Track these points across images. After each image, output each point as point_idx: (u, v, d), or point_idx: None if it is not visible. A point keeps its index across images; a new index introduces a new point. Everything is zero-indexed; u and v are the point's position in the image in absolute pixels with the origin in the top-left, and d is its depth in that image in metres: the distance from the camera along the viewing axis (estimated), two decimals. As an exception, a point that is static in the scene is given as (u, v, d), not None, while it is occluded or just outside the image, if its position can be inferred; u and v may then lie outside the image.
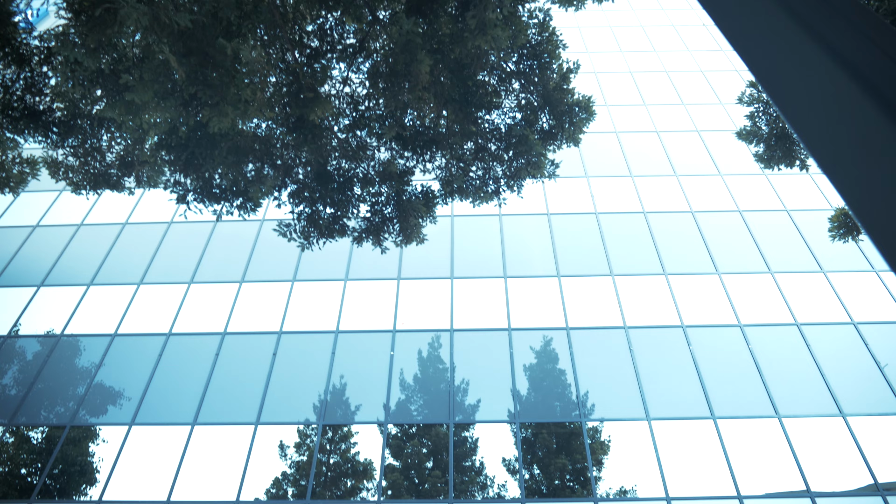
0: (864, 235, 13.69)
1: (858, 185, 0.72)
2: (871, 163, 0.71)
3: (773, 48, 0.87)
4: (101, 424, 13.48)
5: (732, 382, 13.71)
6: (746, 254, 16.59)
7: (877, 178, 0.71)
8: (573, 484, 12.40)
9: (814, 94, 0.80)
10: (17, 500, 12.31)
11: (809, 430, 12.86)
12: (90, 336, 15.09)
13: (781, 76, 0.85)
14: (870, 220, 0.71)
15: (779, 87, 0.84)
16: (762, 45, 0.90)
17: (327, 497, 12.22)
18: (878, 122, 0.70)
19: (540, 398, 13.67)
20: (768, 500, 11.92)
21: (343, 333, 14.87)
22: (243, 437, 13.07)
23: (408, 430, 13.36)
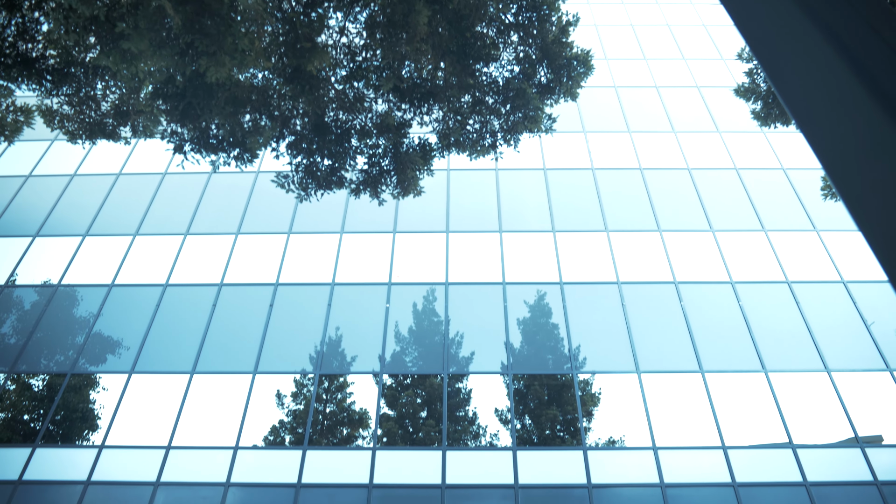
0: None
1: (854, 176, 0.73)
2: (872, 161, 0.70)
3: (783, 43, 0.86)
4: (101, 372, 13.71)
5: (721, 338, 13.99)
6: (741, 212, 16.68)
7: (874, 173, 0.70)
8: (563, 434, 12.78)
9: (819, 90, 0.79)
10: (22, 445, 12.62)
11: (795, 384, 13.20)
12: (87, 286, 15.20)
13: (786, 68, 0.85)
14: (866, 220, 0.73)
15: (786, 83, 0.84)
16: (770, 35, 0.88)
17: (324, 444, 12.58)
18: (881, 120, 0.69)
19: (533, 351, 13.94)
20: (752, 450, 12.33)
21: (339, 286, 15.02)
22: (241, 386, 13.35)
23: (402, 381, 13.65)
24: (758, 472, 12.02)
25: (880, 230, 0.72)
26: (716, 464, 12.13)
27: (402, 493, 11.87)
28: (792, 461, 12.15)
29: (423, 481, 11.95)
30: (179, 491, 11.91)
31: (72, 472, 12.19)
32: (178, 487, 11.95)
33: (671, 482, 11.88)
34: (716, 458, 12.21)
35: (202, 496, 11.84)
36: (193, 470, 12.16)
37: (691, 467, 12.09)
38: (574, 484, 11.91)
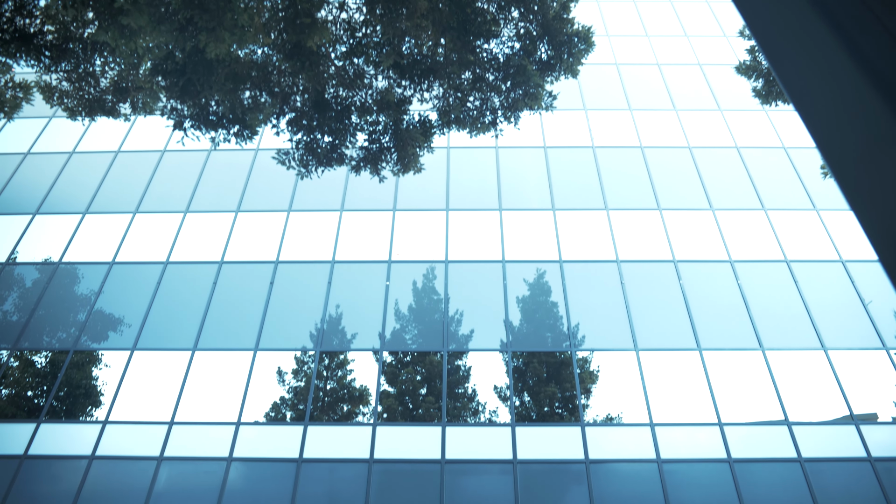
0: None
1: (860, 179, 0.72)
2: (877, 160, 0.69)
3: (779, 21, 0.84)
4: (103, 349, 13.81)
5: (720, 316, 14.08)
6: (741, 190, 16.67)
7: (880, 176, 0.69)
8: (562, 411, 12.92)
9: (815, 70, 0.75)
10: (26, 420, 12.77)
11: (791, 362, 13.32)
12: (88, 264, 15.24)
13: (784, 49, 0.84)
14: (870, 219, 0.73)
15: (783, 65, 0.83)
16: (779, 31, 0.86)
17: (325, 420, 12.73)
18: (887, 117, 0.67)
19: (532, 329, 14.04)
20: (748, 427, 12.49)
21: (339, 263, 15.07)
22: (243, 363, 13.46)
23: (402, 359, 13.76)
24: (753, 449, 12.18)
25: (881, 225, 0.72)
26: (712, 440, 12.29)
27: (403, 468, 12.04)
28: (787, 438, 12.31)
29: (423, 456, 12.12)
30: (182, 465, 12.08)
31: (76, 447, 12.35)
32: (181, 462, 12.11)
33: (668, 458, 12.05)
34: (712, 434, 12.37)
35: (205, 471, 12.02)
36: (196, 445, 12.32)
37: (688, 443, 12.25)
38: (572, 459, 12.08)
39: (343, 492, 11.75)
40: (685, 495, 11.63)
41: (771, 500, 11.59)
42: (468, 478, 11.93)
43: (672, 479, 11.81)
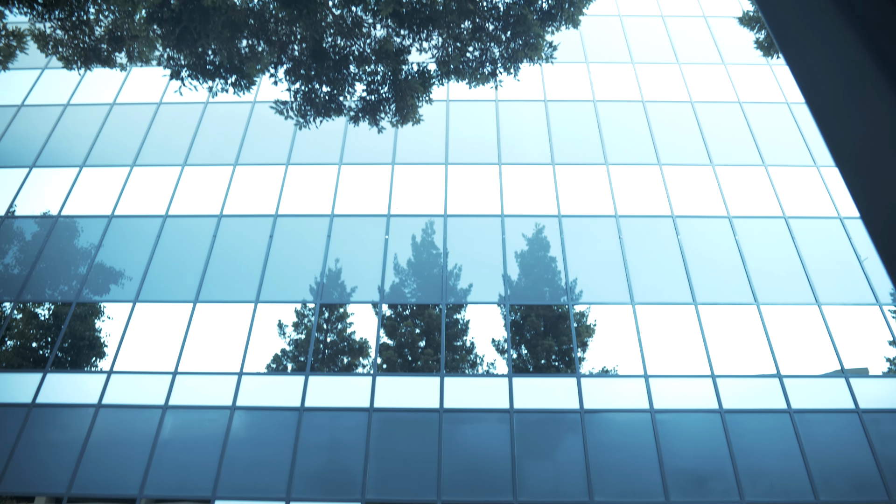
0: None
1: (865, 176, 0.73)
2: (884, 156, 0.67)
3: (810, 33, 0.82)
4: (105, 302, 13.96)
5: (716, 271, 14.20)
6: (742, 146, 16.58)
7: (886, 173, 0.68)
8: (558, 363, 13.16)
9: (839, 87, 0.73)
10: (33, 370, 13.00)
11: (785, 317, 13.50)
12: (87, 217, 15.25)
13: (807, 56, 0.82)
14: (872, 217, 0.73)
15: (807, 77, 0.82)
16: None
17: (325, 371, 12.98)
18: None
19: (530, 283, 14.17)
20: (740, 379, 12.75)
21: (338, 217, 15.09)
22: (244, 315, 13.63)
23: (401, 312, 13.93)
24: (744, 400, 12.47)
25: (880, 218, 0.70)
26: (704, 391, 12.57)
27: (402, 417, 12.34)
28: (778, 390, 12.59)
29: (422, 405, 12.41)
30: (187, 413, 12.37)
31: (82, 396, 12.62)
32: (185, 410, 12.41)
33: (661, 408, 12.35)
34: (704, 386, 12.64)
35: (209, 418, 12.32)
36: (200, 394, 12.60)
37: (680, 394, 12.53)
38: (567, 409, 12.37)
39: (344, 439, 12.08)
40: (676, 443, 11.96)
41: (759, 449, 11.94)
42: (466, 426, 12.24)
43: (664, 428, 12.14)
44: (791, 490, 11.50)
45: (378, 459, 11.81)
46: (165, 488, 11.62)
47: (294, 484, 11.54)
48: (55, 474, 11.75)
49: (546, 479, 11.67)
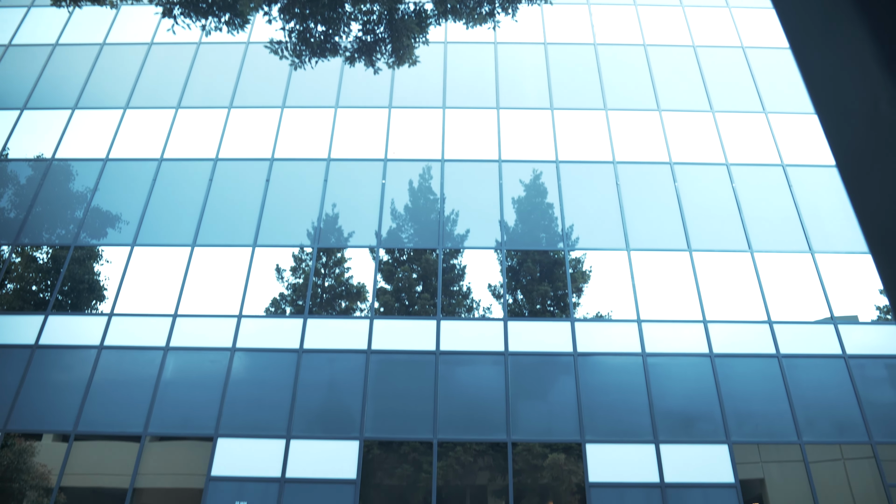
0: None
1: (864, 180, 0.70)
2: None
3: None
4: (103, 245, 14.01)
5: (712, 218, 14.25)
6: (743, 92, 16.35)
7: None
8: (553, 309, 13.36)
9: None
10: (34, 313, 13.16)
11: (779, 265, 13.64)
12: (81, 160, 15.13)
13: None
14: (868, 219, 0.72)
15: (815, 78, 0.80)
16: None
17: (323, 314, 13.16)
18: None
19: (527, 229, 14.23)
20: (731, 325, 12.99)
21: (335, 161, 15.00)
22: (242, 259, 13.72)
23: (399, 258, 14.03)
24: (734, 345, 12.74)
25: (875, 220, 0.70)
26: (695, 336, 12.82)
27: (399, 358, 12.61)
28: (768, 336, 12.84)
29: (419, 348, 12.66)
30: (188, 355, 12.62)
31: (84, 338, 12.83)
32: (186, 352, 12.64)
33: (652, 352, 12.62)
34: (696, 331, 12.88)
35: (210, 359, 12.57)
36: (200, 336, 12.81)
37: (672, 339, 12.78)
38: (561, 352, 12.64)
39: (343, 379, 12.37)
40: (666, 386, 12.29)
41: (746, 392, 12.27)
42: (461, 367, 12.53)
43: (655, 371, 12.44)
44: (775, 431, 11.89)
45: (376, 399, 12.13)
46: (169, 426, 11.96)
47: (294, 422, 11.88)
48: (61, 413, 12.06)
49: (539, 419, 12.03)
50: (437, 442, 11.69)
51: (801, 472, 11.53)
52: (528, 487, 11.49)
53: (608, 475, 11.43)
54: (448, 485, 11.49)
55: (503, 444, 11.70)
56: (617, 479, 11.40)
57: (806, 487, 11.37)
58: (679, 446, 11.68)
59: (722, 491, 11.29)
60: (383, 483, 11.62)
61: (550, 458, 11.65)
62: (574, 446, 11.69)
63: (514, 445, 11.69)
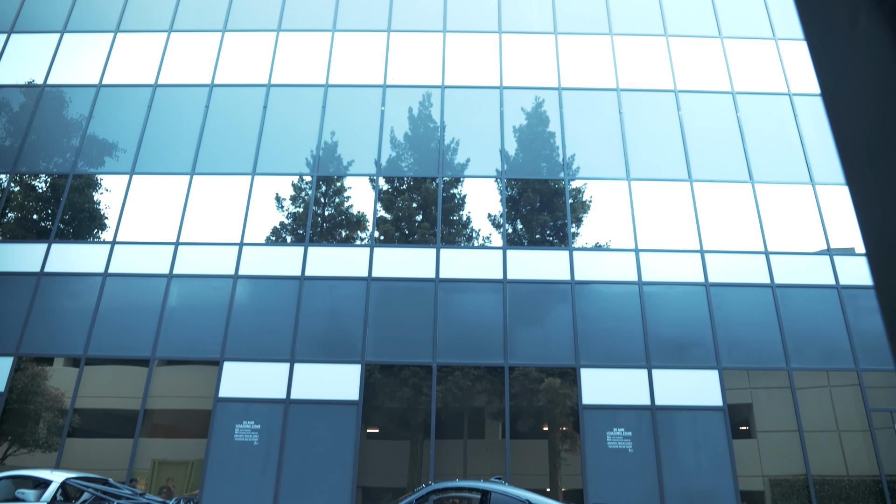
0: None
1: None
2: None
3: None
4: (102, 174, 13.96)
5: (715, 148, 14.13)
6: (753, 17, 15.84)
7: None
8: (552, 238, 13.46)
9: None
10: (38, 241, 13.26)
11: (779, 196, 13.63)
12: (74, 87, 14.84)
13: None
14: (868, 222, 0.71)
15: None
16: None
17: (324, 243, 13.27)
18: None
19: (527, 158, 14.14)
20: (727, 255, 13.12)
21: (333, 87, 14.72)
22: (241, 187, 13.70)
23: (398, 187, 14.00)
24: (730, 275, 12.92)
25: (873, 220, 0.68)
26: (692, 266, 12.98)
27: (399, 286, 12.82)
28: (763, 266, 13.00)
29: (419, 275, 12.85)
30: (191, 282, 12.81)
31: (88, 265, 12.99)
32: (189, 279, 12.83)
33: (649, 280, 12.81)
34: (693, 261, 13.03)
35: (213, 286, 12.78)
36: (203, 264, 12.97)
37: (669, 268, 12.95)
38: (558, 280, 12.84)
39: (344, 306, 12.62)
40: (661, 314, 12.55)
41: (739, 320, 12.55)
42: (460, 295, 12.76)
43: (651, 299, 12.67)
44: (765, 358, 12.24)
45: (377, 325, 12.42)
46: (176, 351, 12.30)
47: (298, 347, 12.21)
48: (71, 338, 12.37)
49: (536, 345, 12.36)
50: (436, 366, 12.06)
51: (787, 397, 11.95)
52: (523, 410, 11.94)
53: (601, 398, 11.85)
54: (447, 407, 11.93)
55: (500, 369, 12.07)
56: (609, 401, 11.83)
57: (791, 412, 11.82)
58: (671, 371, 12.06)
59: (710, 413, 11.75)
60: (384, 405, 12.07)
61: (546, 382, 12.05)
62: (569, 371, 12.07)
63: (511, 370, 12.06)
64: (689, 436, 11.62)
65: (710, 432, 11.63)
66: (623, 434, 11.60)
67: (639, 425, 11.67)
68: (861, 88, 0.69)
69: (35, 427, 12.00)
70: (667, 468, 11.35)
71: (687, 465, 11.40)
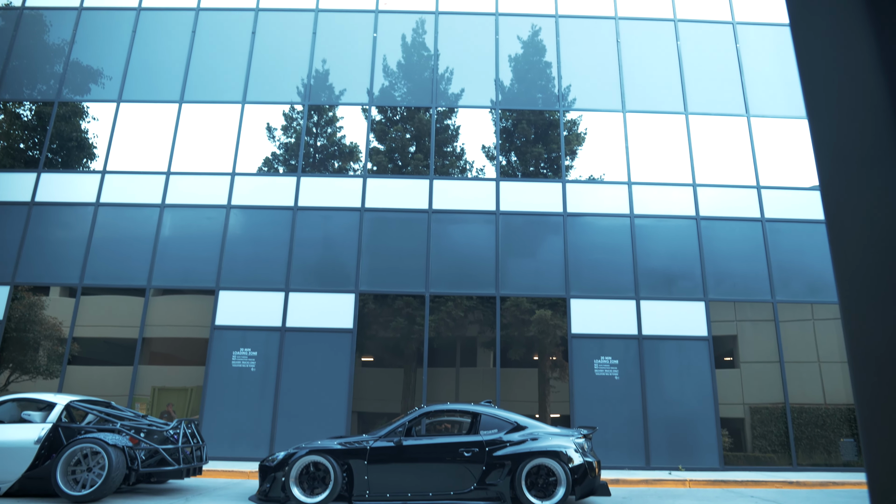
0: None
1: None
2: None
3: None
4: (88, 101, 13.66)
5: (712, 80, 13.93)
6: (759, -58, 15.27)
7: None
8: (546, 171, 13.42)
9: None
10: (27, 170, 13.11)
11: (774, 130, 13.55)
12: (54, 9, 14.30)
13: None
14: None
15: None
16: None
17: (317, 173, 13.19)
18: None
19: (523, 89, 13.91)
20: (719, 188, 13.16)
21: (323, 13, 14.25)
22: (231, 117, 13.47)
23: (391, 117, 13.81)
24: (721, 208, 13.00)
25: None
26: (684, 199, 13.04)
27: (392, 216, 12.86)
28: (755, 200, 13.07)
29: (412, 206, 12.86)
30: (184, 212, 12.79)
31: (80, 195, 12.90)
32: (182, 209, 12.80)
33: (640, 213, 12.89)
34: (685, 194, 13.07)
35: (206, 216, 12.77)
36: (195, 194, 12.91)
37: (661, 201, 13.01)
38: (551, 212, 12.89)
39: (338, 236, 12.69)
40: (651, 246, 12.70)
41: (727, 253, 12.73)
42: (453, 226, 12.83)
43: (641, 232, 12.79)
44: (751, 290, 12.49)
45: (370, 255, 12.53)
46: (171, 280, 12.41)
47: (292, 277, 12.34)
48: (66, 267, 12.43)
49: (527, 276, 12.54)
50: (429, 296, 12.25)
51: (771, 329, 12.28)
52: (514, 340, 12.24)
53: (590, 328, 12.15)
54: (440, 336, 12.21)
55: (492, 299, 12.29)
56: (598, 331, 12.13)
57: (774, 344, 12.17)
58: (658, 302, 12.32)
59: (695, 343, 12.09)
60: (378, 335, 12.33)
61: (538, 313, 12.30)
62: (559, 302, 12.30)
63: (502, 300, 12.28)
64: (674, 364, 12.00)
65: (694, 361, 12.00)
66: (610, 362, 11.96)
67: (626, 354, 12.02)
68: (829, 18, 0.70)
69: (35, 355, 12.23)
70: (651, 395, 11.78)
71: (671, 393, 11.82)
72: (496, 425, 7.66)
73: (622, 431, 11.54)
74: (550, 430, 7.43)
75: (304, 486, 7.07)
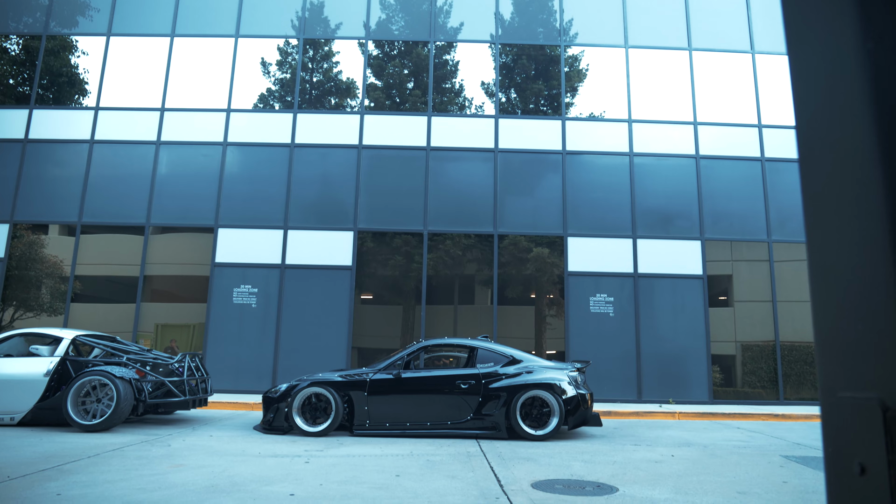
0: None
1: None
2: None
3: None
4: (76, 35, 13.31)
5: (717, 15, 13.55)
6: None
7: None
8: (546, 108, 13.24)
9: None
10: (18, 106, 12.90)
11: (779, 67, 13.28)
12: (38, -64, 13.73)
13: None
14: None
15: None
16: None
17: (313, 109, 13.00)
18: None
19: (523, 23, 13.55)
20: (720, 127, 13.03)
21: (318, -58, 13.70)
22: (225, 51, 13.16)
23: (389, 52, 13.50)
24: (721, 147, 12.91)
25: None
26: (684, 138, 12.92)
27: (390, 154, 12.77)
28: (755, 139, 12.96)
29: (410, 143, 12.75)
30: (180, 149, 12.68)
31: (74, 132, 12.75)
32: (178, 146, 12.68)
33: (639, 152, 12.81)
34: (685, 132, 12.95)
35: (203, 154, 12.67)
36: (190, 131, 12.75)
37: (661, 140, 12.90)
38: (549, 150, 12.80)
39: (335, 173, 12.63)
40: (649, 185, 12.68)
41: (726, 193, 12.72)
42: (452, 163, 12.76)
43: (640, 171, 12.74)
44: (747, 230, 12.56)
45: (368, 193, 12.51)
46: (170, 217, 12.43)
47: (290, 214, 12.36)
48: (64, 205, 12.42)
49: (525, 213, 12.57)
50: (427, 233, 12.31)
51: (766, 269, 12.41)
52: (512, 277, 12.38)
53: (586, 265, 12.27)
54: (438, 274, 12.34)
55: (490, 237, 12.35)
56: (594, 268, 12.26)
57: (768, 284, 12.33)
58: (655, 241, 12.40)
59: (690, 281, 12.25)
60: (377, 272, 12.46)
61: (535, 251, 12.40)
62: (557, 240, 12.38)
63: (500, 238, 12.35)
64: (669, 302, 12.19)
65: (688, 299, 12.19)
66: (605, 299, 12.14)
67: (621, 291, 12.19)
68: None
69: (38, 293, 12.38)
70: (645, 331, 12.02)
71: (664, 329, 12.06)
72: (492, 359, 7.87)
73: (616, 366, 11.84)
74: (545, 364, 7.64)
75: (307, 416, 7.32)
